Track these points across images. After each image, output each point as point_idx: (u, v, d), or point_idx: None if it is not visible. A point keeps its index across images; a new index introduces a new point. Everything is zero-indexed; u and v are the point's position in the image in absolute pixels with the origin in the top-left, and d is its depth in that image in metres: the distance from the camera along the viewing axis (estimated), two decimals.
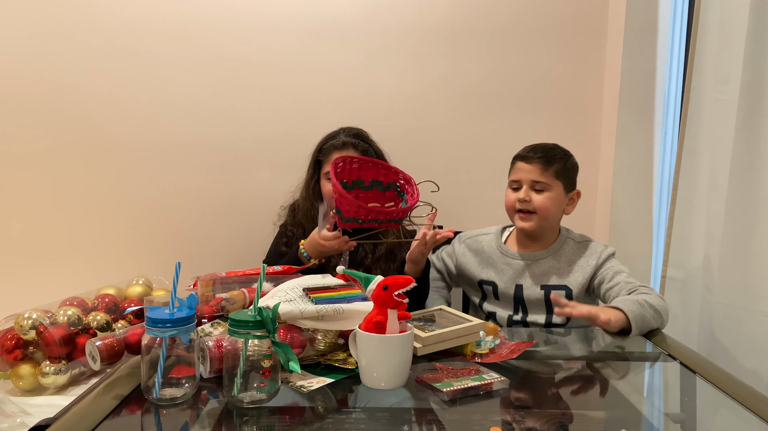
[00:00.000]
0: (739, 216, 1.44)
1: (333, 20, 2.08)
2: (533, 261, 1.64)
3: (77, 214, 2.09)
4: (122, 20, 2.04)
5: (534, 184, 1.58)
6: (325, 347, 1.10)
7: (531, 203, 1.57)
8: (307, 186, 1.82)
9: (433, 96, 2.13)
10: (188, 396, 0.93)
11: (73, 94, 2.06)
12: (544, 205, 1.57)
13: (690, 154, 1.67)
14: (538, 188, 1.58)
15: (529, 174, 1.58)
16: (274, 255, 1.76)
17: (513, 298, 1.63)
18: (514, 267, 1.64)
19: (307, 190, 1.82)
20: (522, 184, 1.59)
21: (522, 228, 1.61)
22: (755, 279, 1.40)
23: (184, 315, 0.91)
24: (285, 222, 1.86)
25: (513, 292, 1.63)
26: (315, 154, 1.80)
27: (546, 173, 1.57)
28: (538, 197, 1.58)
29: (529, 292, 1.61)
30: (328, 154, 1.75)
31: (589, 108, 2.16)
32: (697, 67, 1.64)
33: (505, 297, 1.64)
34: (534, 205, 1.57)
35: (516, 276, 1.64)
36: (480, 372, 1.05)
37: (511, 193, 1.62)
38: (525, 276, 1.63)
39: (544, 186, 1.57)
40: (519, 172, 1.61)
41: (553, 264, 1.63)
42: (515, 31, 2.12)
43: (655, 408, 1.03)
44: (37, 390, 1.17)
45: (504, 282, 1.64)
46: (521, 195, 1.58)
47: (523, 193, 1.58)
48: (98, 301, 1.35)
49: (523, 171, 1.59)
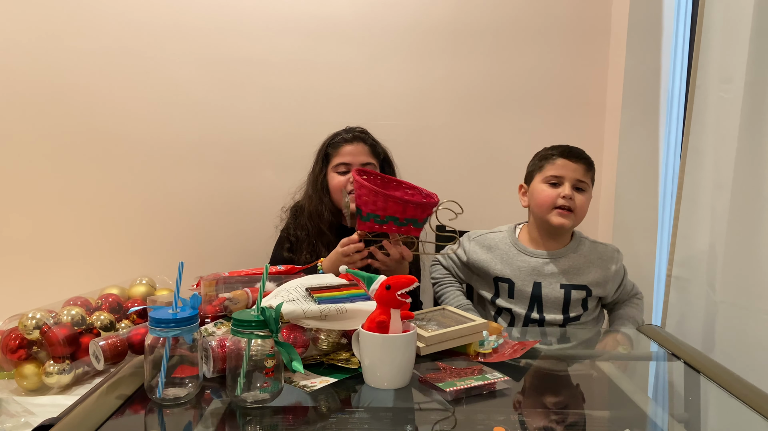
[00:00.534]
0: (744, 215, 1.43)
1: (335, 20, 2.08)
2: (553, 259, 1.63)
3: (80, 214, 2.10)
4: (126, 21, 2.05)
5: (577, 183, 1.59)
6: (328, 347, 1.10)
7: (574, 201, 1.58)
8: (314, 182, 1.80)
9: (436, 95, 2.13)
10: (191, 396, 0.93)
11: (76, 94, 2.06)
12: (584, 206, 1.60)
13: (694, 152, 1.66)
14: (579, 187, 1.60)
15: (574, 173, 1.59)
16: (278, 262, 1.74)
17: (530, 296, 1.62)
18: (533, 265, 1.63)
19: (314, 186, 1.79)
20: (565, 181, 1.59)
21: (560, 224, 1.59)
22: (760, 278, 1.39)
23: (188, 315, 0.91)
24: (287, 226, 1.84)
25: (531, 290, 1.62)
26: (323, 149, 1.80)
27: (587, 174, 1.61)
28: (580, 197, 1.59)
29: (548, 290, 1.61)
30: (339, 146, 1.76)
31: (592, 107, 2.15)
32: (701, 65, 1.63)
33: (521, 295, 1.63)
34: (576, 203, 1.58)
35: (534, 274, 1.63)
36: (483, 371, 1.05)
37: (549, 188, 1.61)
38: (543, 274, 1.62)
39: (585, 186, 1.60)
40: (562, 169, 1.60)
41: (573, 263, 1.63)
42: (518, 31, 2.12)
43: (659, 407, 1.03)
44: (40, 389, 1.18)
45: (521, 280, 1.63)
46: (566, 191, 1.58)
47: (568, 189, 1.58)
48: (102, 301, 1.35)
49: (568, 168, 1.59)
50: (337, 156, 1.76)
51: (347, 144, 1.75)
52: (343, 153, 1.76)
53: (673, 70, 2.04)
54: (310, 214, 1.77)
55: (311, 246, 1.76)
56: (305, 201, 1.82)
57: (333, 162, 1.76)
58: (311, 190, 1.80)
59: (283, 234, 1.84)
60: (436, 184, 2.12)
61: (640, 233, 2.06)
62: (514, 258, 1.66)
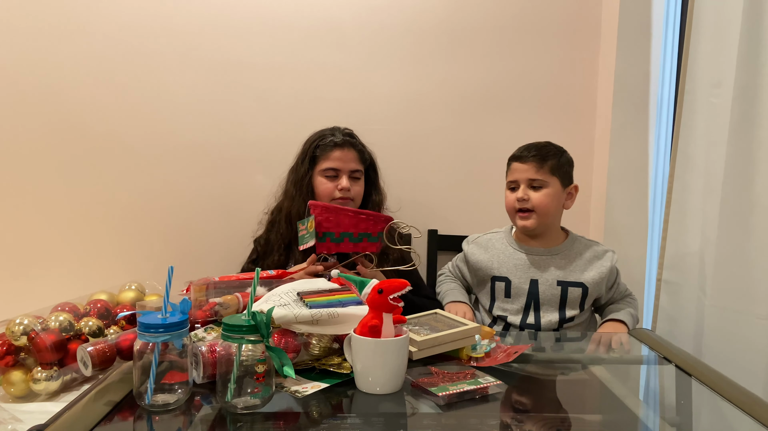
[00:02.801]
0: (734, 218, 1.44)
1: (329, 23, 2.08)
2: (549, 255, 1.65)
3: (69, 218, 2.08)
4: (115, 22, 2.03)
5: (531, 182, 1.61)
6: (319, 351, 1.09)
7: (529, 201, 1.60)
8: (298, 183, 1.74)
9: (428, 99, 2.13)
10: (181, 402, 0.92)
11: (62, 96, 2.05)
12: (542, 202, 1.60)
13: (684, 156, 1.67)
14: (535, 185, 1.61)
15: (524, 173, 1.61)
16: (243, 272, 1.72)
17: (527, 294, 1.63)
18: (529, 262, 1.64)
19: (298, 187, 1.74)
20: (519, 184, 1.62)
21: (523, 226, 1.63)
22: (750, 282, 1.40)
23: (177, 320, 0.90)
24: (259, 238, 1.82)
25: (528, 288, 1.63)
26: (310, 150, 1.75)
27: (541, 170, 1.60)
28: (536, 195, 1.60)
29: (545, 288, 1.62)
30: (328, 150, 1.73)
31: (583, 110, 2.16)
32: (690, 69, 1.65)
33: (518, 294, 1.64)
34: (532, 202, 1.60)
35: (530, 270, 1.64)
36: (476, 375, 1.04)
37: (510, 193, 1.65)
38: (540, 271, 1.63)
39: (541, 183, 1.60)
40: (515, 172, 1.64)
41: (569, 261, 1.64)
42: (510, 34, 2.13)
43: (651, 411, 1.03)
44: (28, 396, 1.16)
45: (518, 277, 1.64)
46: (519, 194, 1.61)
47: (521, 192, 1.61)
48: (90, 307, 1.34)
49: (519, 170, 1.62)
50: (327, 160, 1.73)
51: (337, 148, 1.73)
52: (333, 158, 1.73)
53: (662, 74, 2.06)
54: (291, 215, 1.72)
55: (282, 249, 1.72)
56: (285, 201, 1.76)
57: (321, 165, 1.73)
58: (294, 190, 1.75)
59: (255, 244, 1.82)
60: (429, 187, 2.14)
61: (631, 237, 2.07)
62: (511, 256, 1.67)
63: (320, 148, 1.74)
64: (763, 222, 1.37)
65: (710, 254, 1.51)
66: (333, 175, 1.73)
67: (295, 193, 1.74)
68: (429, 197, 2.14)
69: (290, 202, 1.74)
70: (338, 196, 1.71)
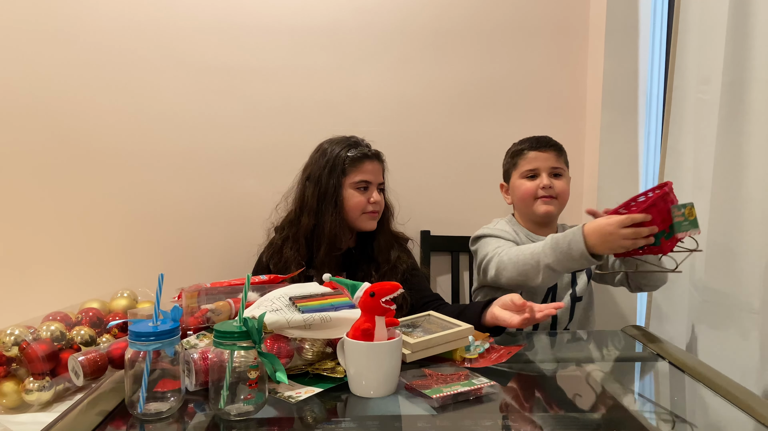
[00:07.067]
0: (724, 214, 1.44)
1: (318, 26, 2.08)
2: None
3: (59, 225, 2.06)
4: (107, 28, 2.02)
5: (553, 170, 1.66)
6: (312, 356, 1.09)
7: (554, 188, 1.64)
8: (328, 197, 1.62)
9: (417, 100, 2.13)
10: (174, 410, 0.91)
11: (56, 103, 2.03)
12: (565, 190, 1.68)
13: (674, 153, 1.68)
14: (556, 173, 1.67)
15: (546, 161, 1.66)
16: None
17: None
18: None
19: (330, 202, 1.61)
20: (540, 172, 1.66)
21: (545, 212, 1.65)
22: (741, 277, 1.40)
23: (168, 328, 0.90)
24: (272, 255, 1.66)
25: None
26: (340, 161, 1.63)
27: (560, 159, 1.68)
28: (559, 182, 1.66)
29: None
30: (360, 161, 1.64)
31: (572, 109, 2.17)
32: (678, 66, 1.65)
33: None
34: (556, 190, 1.65)
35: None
36: (470, 377, 1.04)
37: (528, 182, 1.67)
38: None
39: (562, 171, 1.68)
40: (534, 161, 1.67)
41: None
42: (499, 35, 2.13)
43: (645, 408, 1.03)
44: (21, 407, 1.15)
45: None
46: (545, 181, 1.64)
47: (546, 179, 1.64)
48: (82, 316, 1.33)
49: (540, 159, 1.66)
50: (360, 172, 1.64)
51: (368, 160, 1.65)
52: (365, 170, 1.64)
53: (651, 72, 2.07)
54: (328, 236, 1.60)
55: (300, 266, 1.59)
56: (304, 217, 1.64)
57: (353, 177, 1.63)
58: (325, 206, 1.62)
59: (262, 259, 1.71)
60: (421, 188, 2.14)
61: None
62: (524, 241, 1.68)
63: (351, 160, 1.64)
64: (752, 217, 1.38)
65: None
66: (364, 186, 1.65)
67: (322, 207, 1.63)
68: (421, 198, 2.13)
69: (313, 218, 1.63)
70: (370, 210, 1.65)
